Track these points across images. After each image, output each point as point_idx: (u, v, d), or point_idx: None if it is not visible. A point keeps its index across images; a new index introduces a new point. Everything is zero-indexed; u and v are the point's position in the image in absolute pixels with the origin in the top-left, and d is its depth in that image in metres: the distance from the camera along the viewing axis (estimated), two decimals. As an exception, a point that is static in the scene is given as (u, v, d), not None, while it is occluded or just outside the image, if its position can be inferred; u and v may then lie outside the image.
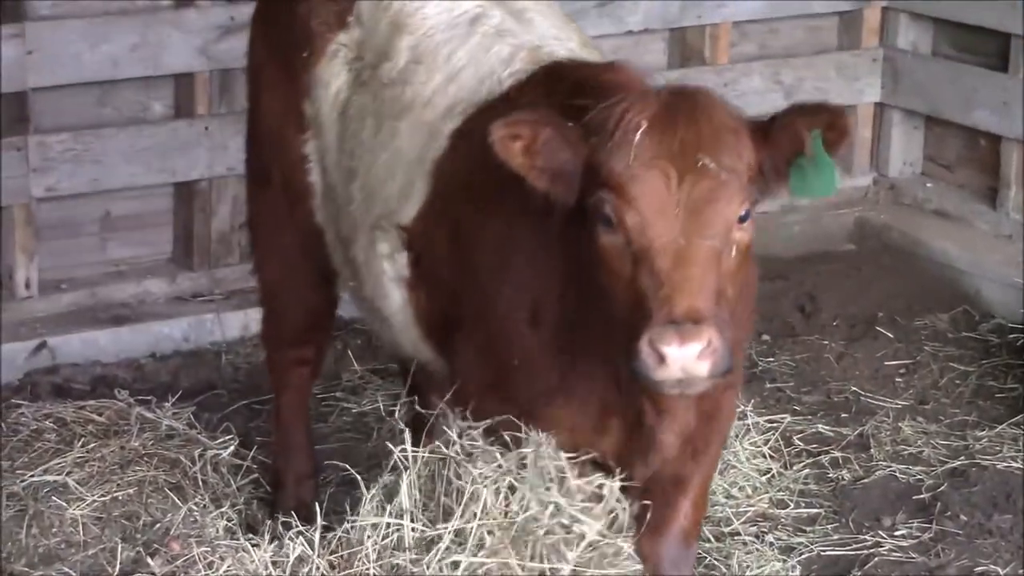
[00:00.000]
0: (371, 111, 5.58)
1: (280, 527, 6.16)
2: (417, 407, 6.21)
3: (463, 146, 4.99)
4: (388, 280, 5.26)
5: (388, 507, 5.77)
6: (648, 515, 5.11)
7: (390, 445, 6.02)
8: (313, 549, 5.77)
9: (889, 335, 8.26)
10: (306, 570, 5.75)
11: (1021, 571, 6.59)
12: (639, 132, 4.05)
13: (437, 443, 5.82)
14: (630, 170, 4.05)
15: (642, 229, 4.03)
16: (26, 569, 6.11)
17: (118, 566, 5.95)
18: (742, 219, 4.13)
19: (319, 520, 5.85)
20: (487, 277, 4.89)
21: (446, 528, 5.53)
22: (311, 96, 5.78)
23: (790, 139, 4.23)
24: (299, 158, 5.84)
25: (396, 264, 5.19)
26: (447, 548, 5.56)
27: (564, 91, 4.78)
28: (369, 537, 5.81)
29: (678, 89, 4.35)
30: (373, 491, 5.89)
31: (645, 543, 5.16)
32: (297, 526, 5.93)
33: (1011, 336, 8.04)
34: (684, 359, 3.87)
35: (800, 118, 4.24)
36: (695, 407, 4.77)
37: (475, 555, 5.39)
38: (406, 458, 5.81)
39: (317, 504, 6.20)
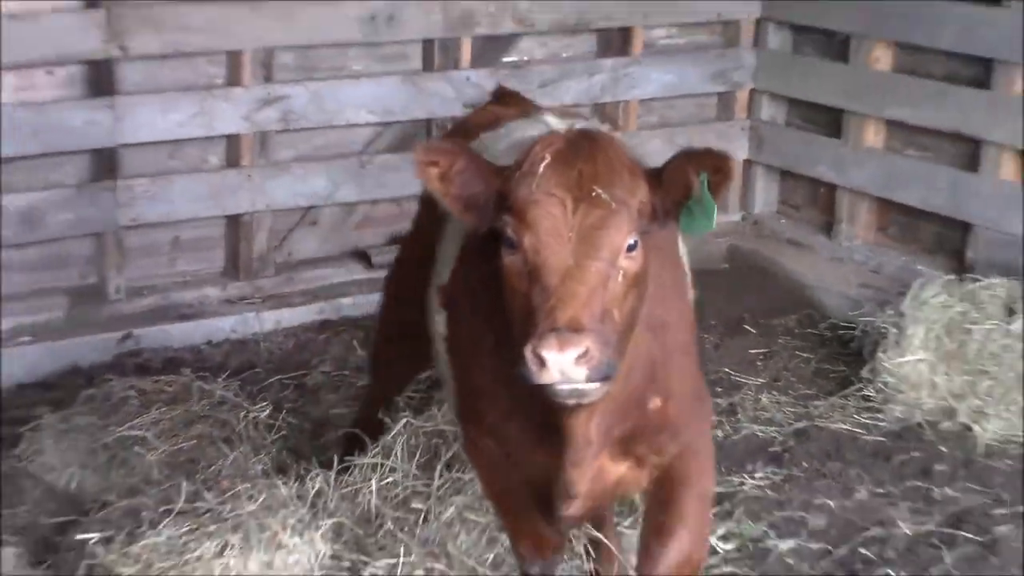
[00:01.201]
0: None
1: (302, 470, 6.38)
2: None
3: None
4: (439, 341, 4.92)
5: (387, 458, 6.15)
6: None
7: (387, 420, 6.41)
8: (329, 485, 6.17)
9: (753, 331, 8.45)
10: (323, 501, 6.10)
11: (847, 502, 6.64)
12: (543, 164, 3.73)
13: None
14: (531, 196, 3.70)
15: (537, 249, 3.68)
16: (114, 499, 6.22)
17: (182, 498, 5.99)
18: (631, 248, 3.76)
19: (335, 465, 6.30)
20: (458, 309, 4.64)
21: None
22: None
23: (680, 182, 3.86)
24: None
25: (439, 324, 4.86)
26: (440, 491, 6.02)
27: None
28: (370, 478, 6.26)
29: (583, 131, 3.96)
30: (377, 444, 6.31)
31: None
32: (316, 470, 6.29)
33: (840, 332, 8.26)
34: (562, 363, 3.50)
35: (689, 163, 3.87)
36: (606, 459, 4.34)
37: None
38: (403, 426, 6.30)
39: (335, 456, 6.29)
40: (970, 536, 6.38)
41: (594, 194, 3.67)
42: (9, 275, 8.09)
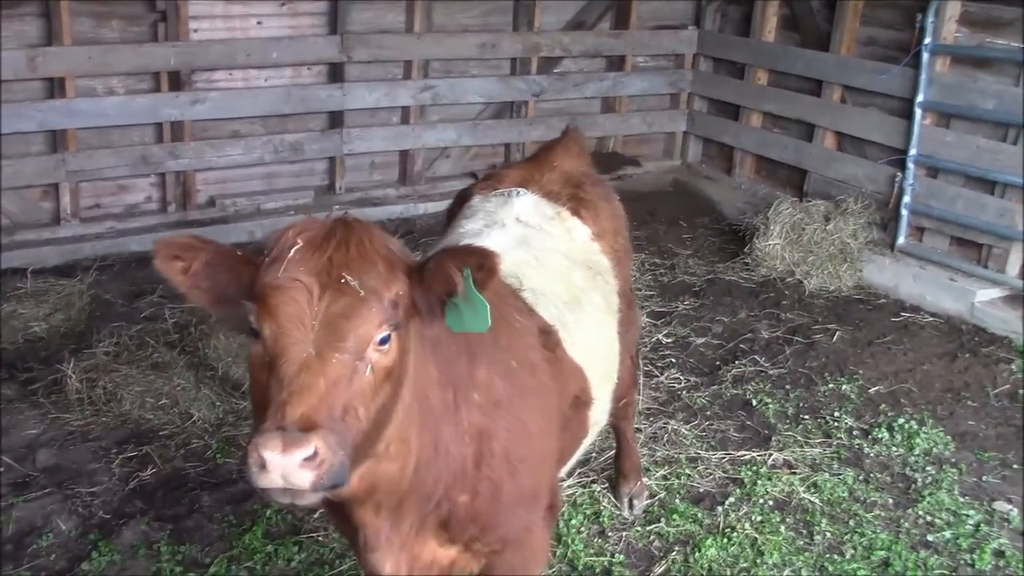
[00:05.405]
0: None
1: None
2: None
3: None
4: None
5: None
6: None
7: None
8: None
9: (685, 225, 8.15)
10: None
11: (733, 319, 6.50)
12: (293, 249, 2.19)
13: None
14: (275, 282, 2.16)
15: (276, 337, 2.13)
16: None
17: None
18: (383, 341, 2.20)
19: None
20: None
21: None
22: None
23: (442, 279, 2.28)
24: None
25: None
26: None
27: None
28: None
29: (341, 218, 2.30)
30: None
31: None
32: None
33: (734, 227, 8.05)
34: (285, 466, 1.98)
35: (450, 260, 2.29)
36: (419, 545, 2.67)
37: None
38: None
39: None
40: (799, 340, 6.36)
41: (343, 281, 2.16)
42: (285, 178, 8.02)
